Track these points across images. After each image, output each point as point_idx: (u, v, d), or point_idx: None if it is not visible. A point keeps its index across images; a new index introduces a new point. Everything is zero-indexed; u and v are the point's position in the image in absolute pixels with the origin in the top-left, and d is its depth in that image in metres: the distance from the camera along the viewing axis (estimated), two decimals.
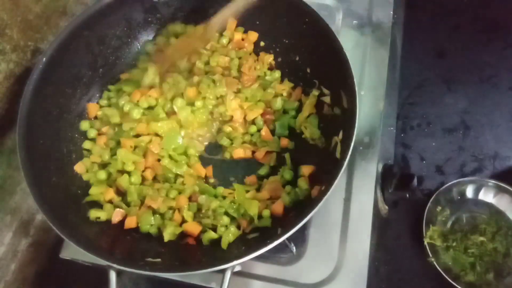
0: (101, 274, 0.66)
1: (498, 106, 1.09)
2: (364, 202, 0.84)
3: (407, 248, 0.96)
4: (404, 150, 1.06)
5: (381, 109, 0.92)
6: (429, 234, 0.93)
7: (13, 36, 0.79)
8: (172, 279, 0.79)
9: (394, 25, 1.01)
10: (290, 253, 0.81)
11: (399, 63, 1.08)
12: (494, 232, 0.94)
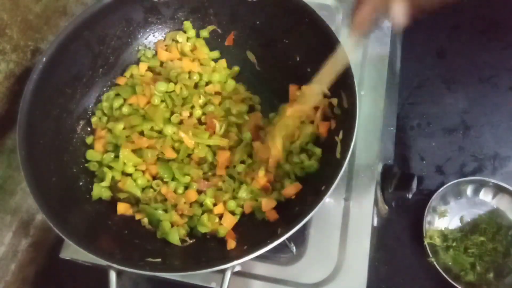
0: (101, 274, 0.66)
1: (498, 106, 1.09)
2: (364, 202, 0.84)
3: (407, 248, 0.96)
4: (404, 150, 1.06)
5: (381, 109, 0.92)
6: (429, 234, 0.93)
7: (13, 36, 0.79)
8: (172, 279, 0.79)
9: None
10: (290, 253, 0.81)
11: (399, 63, 1.08)
12: (494, 232, 0.94)
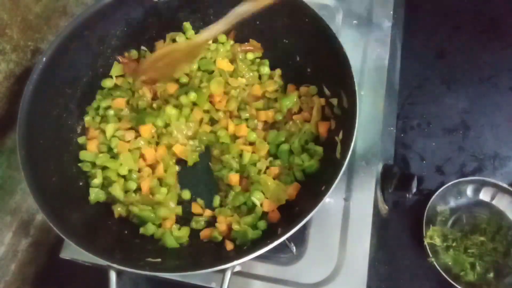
0: (101, 274, 0.66)
1: (498, 106, 1.09)
2: (364, 202, 0.84)
3: (407, 248, 0.96)
4: (404, 150, 1.06)
5: (381, 109, 0.92)
6: (429, 234, 0.93)
7: (13, 36, 0.79)
8: (172, 279, 0.79)
9: (394, 25, 1.02)
10: (290, 253, 0.81)
11: (399, 63, 1.08)
12: (494, 232, 0.94)
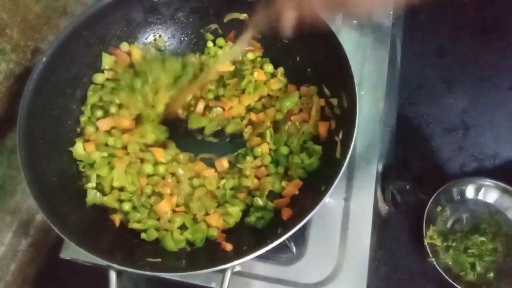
0: (101, 274, 0.66)
1: (498, 106, 1.09)
2: (364, 202, 0.84)
3: (407, 248, 0.96)
4: (404, 150, 1.06)
5: (381, 109, 0.92)
6: (429, 234, 0.93)
7: (13, 36, 0.79)
8: (172, 279, 0.79)
9: (394, 25, 1.01)
10: (290, 253, 0.81)
11: (399, 63, 1.08)
12: (495, 232, 0.94)
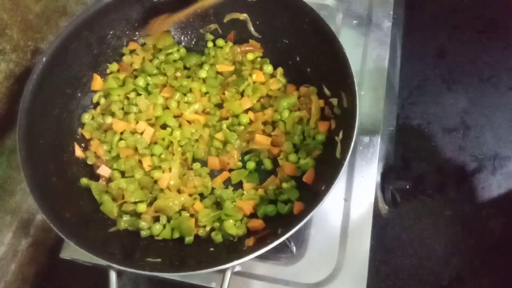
0: (101, 274, 0.66)
1: (498, 106, 1.09)
2: (364, 202, 0.84)
3: (407, 248, 0.96)
4: (404, 150, 1.06)
5: (381, 109, 0.92)
6: None
7: (13, 36, 0.79)
8: (172, 279, 0.79)
9: (394, 25, 1.01)
10: (290, 253, 0.81)
11: (399, 63, 1.08)
12: None
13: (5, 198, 0.84)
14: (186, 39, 0.96)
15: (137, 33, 0.92)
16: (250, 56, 0.92)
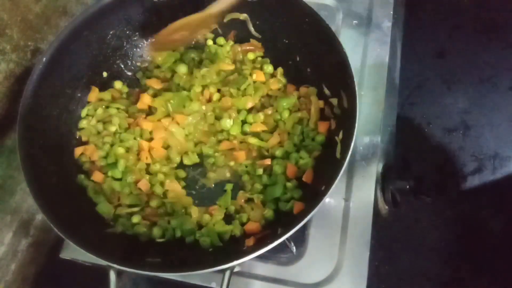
0: (101, 274, 0.66)
1: (498, 106, 1.09)
2: (364, 202, 0.84)
3: (407, 248, 0.96)
4: (404, 150, 1.06)
5: (381, 109, 0.92)
6: None
7: (13, 36, 0.79)
8: (172, 279, 0.79)
9: (394, 25, 1.02)
10: (290, 253, 0.81)
11: (399, 63, 1.08)
12: None
13: (5, 198, 0.84)
14: None
15: (137, 33, 0.92)
16: (251, 56, 0.92)
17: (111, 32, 0.88)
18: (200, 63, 0.93)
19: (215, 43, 0.95)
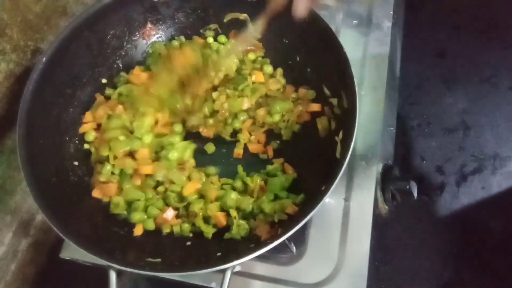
0: (101, 274, 0.66)
1: (498, 106, 1.09)
2: (364, 202, 0.84)
3: (407, 248, 0.96)
4: (404, 150, 1.06)
5: (381, 109, 0.92)
6: None
7: (13, 36, 0.79)
8: (172, 279, 0.79)
9: (394, 25, 1.01)
10: (290, 253, 0.81)
11: (399, 63, 1.08)
12: None
13: (5, 198, 0.84)
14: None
15: (137, 33, 0.92)
16: (252, 56, 0.92)
17: (111, 32, 0.88)
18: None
19: (216, 40, 0.94)
